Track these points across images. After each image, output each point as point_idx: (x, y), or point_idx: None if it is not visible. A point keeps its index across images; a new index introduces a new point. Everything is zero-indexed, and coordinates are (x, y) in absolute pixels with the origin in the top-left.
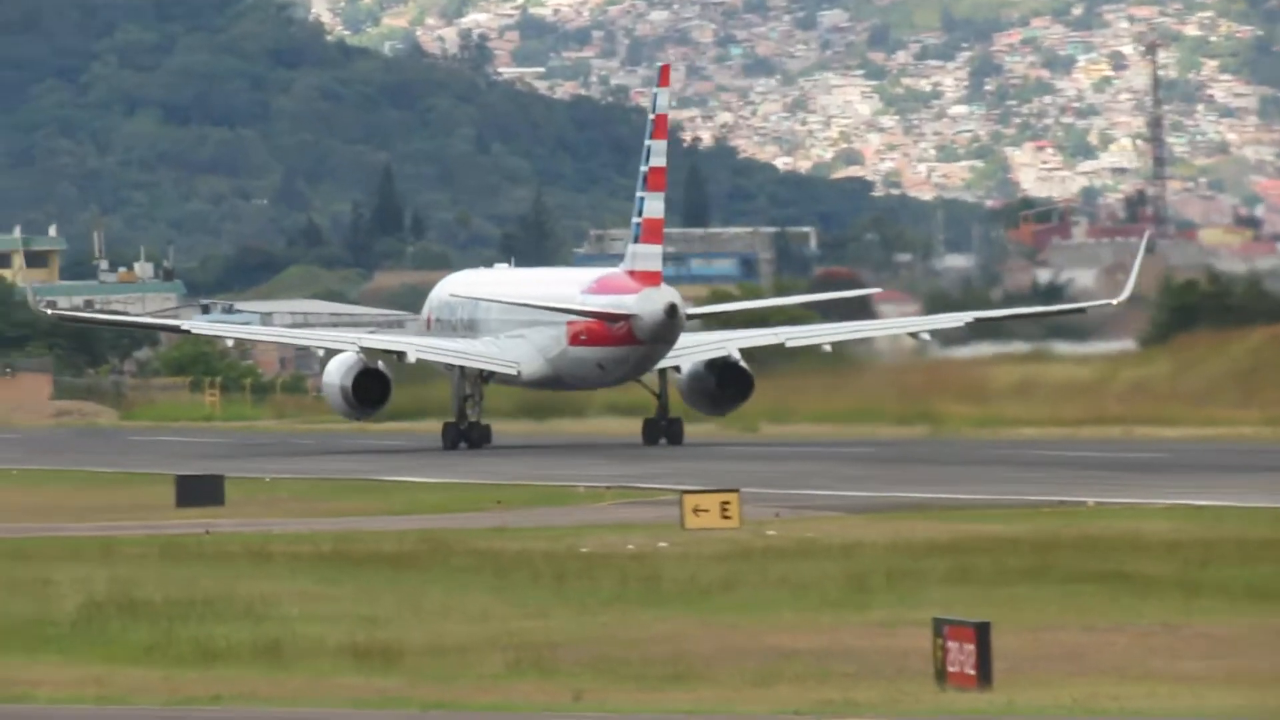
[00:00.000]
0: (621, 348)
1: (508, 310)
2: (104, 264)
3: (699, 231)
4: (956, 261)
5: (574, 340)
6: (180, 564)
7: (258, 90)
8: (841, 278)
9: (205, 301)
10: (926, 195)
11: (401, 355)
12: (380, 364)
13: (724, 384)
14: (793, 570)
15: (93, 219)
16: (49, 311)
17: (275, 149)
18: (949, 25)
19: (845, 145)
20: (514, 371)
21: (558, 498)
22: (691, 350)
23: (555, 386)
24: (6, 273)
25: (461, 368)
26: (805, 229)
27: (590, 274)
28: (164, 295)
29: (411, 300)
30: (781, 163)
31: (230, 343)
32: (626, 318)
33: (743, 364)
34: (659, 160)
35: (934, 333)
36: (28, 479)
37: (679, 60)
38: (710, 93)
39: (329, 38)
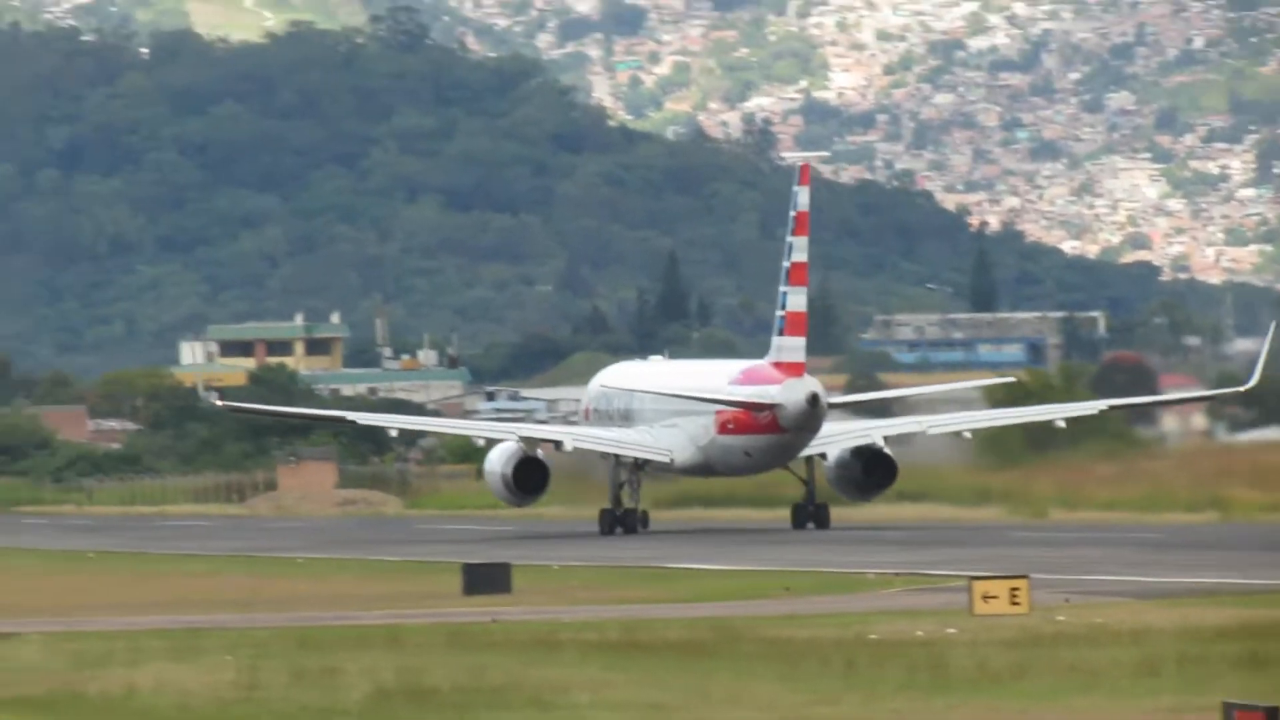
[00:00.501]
0: (767, 436)
1: (660, 400)
2: (387, 351)
3: (987, 317)
4: (1246, 345)
5: (722, 429)
6: (468, 652)
7: (540, 176)
8: (1129, 362)
9: (490, 389)
10: (1215, 279)
11: (559, 444)
12: (540, 453)
13: (869, 471)
14: (1082, 656)
15: (375, 306)
16: (218, 404)
17: (558, 235)
18: (1236, 107)
19: (1132, 229)
20: (667, 459)
21: (846, 585)
22: (838, 438)
23: (706, 474)
24: (289, 360)
25: (617, 456)
26: (1093, 314)
27: (738, 365)
28: (448, 383)
29: None
30: (1069, 246)
31: (394, 433)
32: (771, 407)
33: (887, 450)
34: (800, 256)
35: (1219, 417)
36: (314, 568)
37: (964, 144)
38: (997, 176)
39: (611, 122)
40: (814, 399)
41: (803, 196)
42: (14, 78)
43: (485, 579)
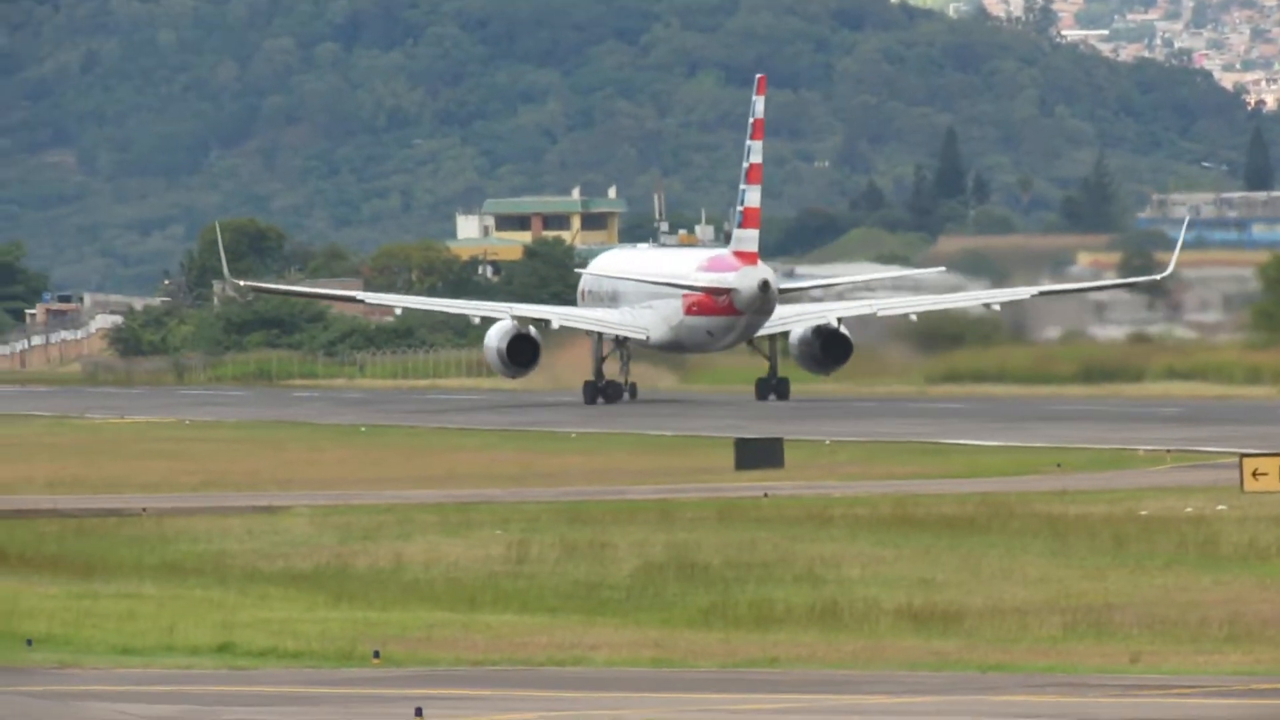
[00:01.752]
0: (725, 317)
1: (640, 285)
2: (664, 226)
3: (1261, 196)
4: None
5: (688, 311)
6: (738, 527)
7: (821, 52)
8: None
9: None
10: None
11: (548, 322)
12: (531, 330)
13: (827, 348)
14: None
15: (653, 181)
16: (241, 283)
17: (837, 111)
18: None
19: None
20: (644, 336)
21: (1117, 461)
22: (799, 318)
23: (677, 350)
24: (565, 234)
25: (599, 334)
26: None
27: (706, 254)
28: None
29: (972, 265)
30: None
31: (399, 311)
32: (728, 291)
33: (843, 330)
34: (757, 158)
35: None
36: (588, 443)
37: (1243, 23)
38: (1275, 55)
39: (893, 0)
40: (765, 285)
41: (759, 105)
42: None
43: (757, 454)
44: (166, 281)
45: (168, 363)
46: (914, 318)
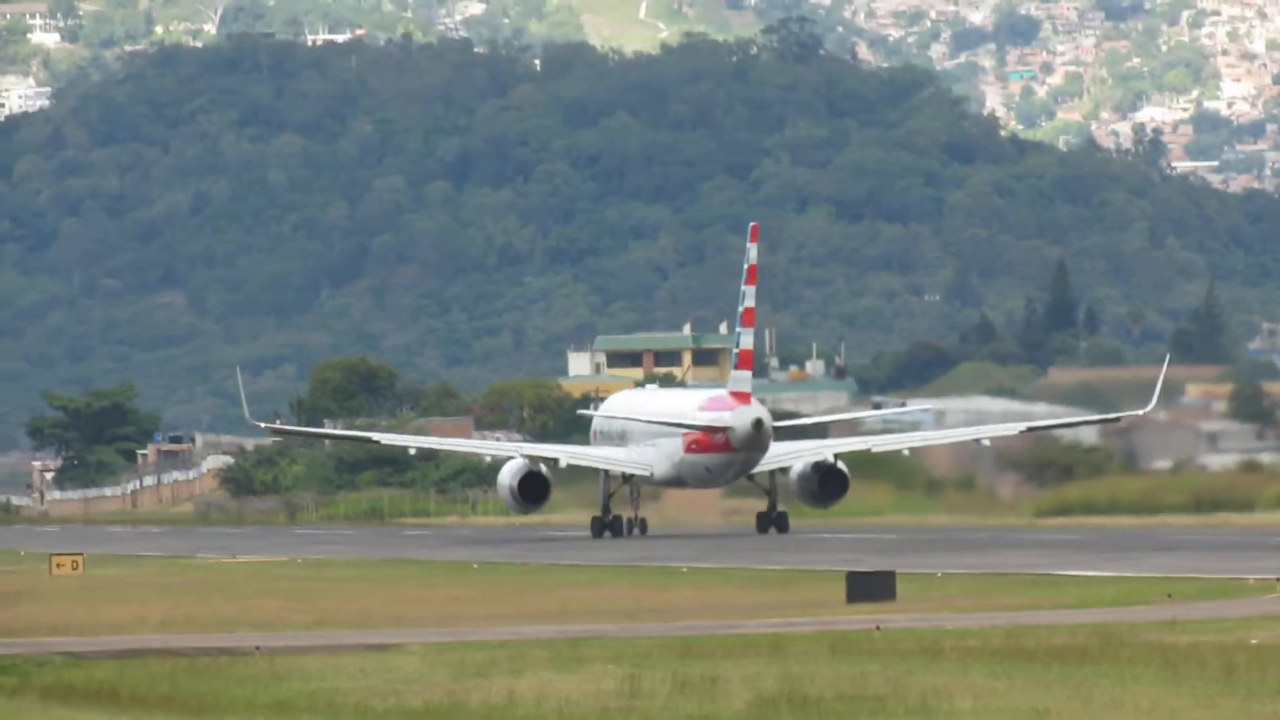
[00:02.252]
0: (722, 455)
1: (646, 424)
2: (774, 362)
3: None
4: None
5: (688, 449)
6: (851, 660)
7: (931, 185)
8: None
9: (877, 399)
10: None
11: (556, 461)
12: (542, 467)
13: (825, 482)
14: None
15: (764, 316)
16: (261, 425)
17: (948, 244)
18: None
19: None
20: (648, 473)
21: (1228, 590)
22: (798, 454)
23: (679, 485)
24: (676, 370)
25: (606, 471)
26: None
27: (705, 395)
28: (835, 393)
29: (1084, 397)
30: None
31: (413, 451)
32: (724, 430)
33: (840, 465)
34: (751, 303)
35: None
36: (699, 577)
37: None
38: None
39: (1003, 132)
40: (758, 423)
41: (752, 252)
42: (405, 89)
43: (869, 587)
44: (278, 422)
45: (279, 502)
46: (907, 453)
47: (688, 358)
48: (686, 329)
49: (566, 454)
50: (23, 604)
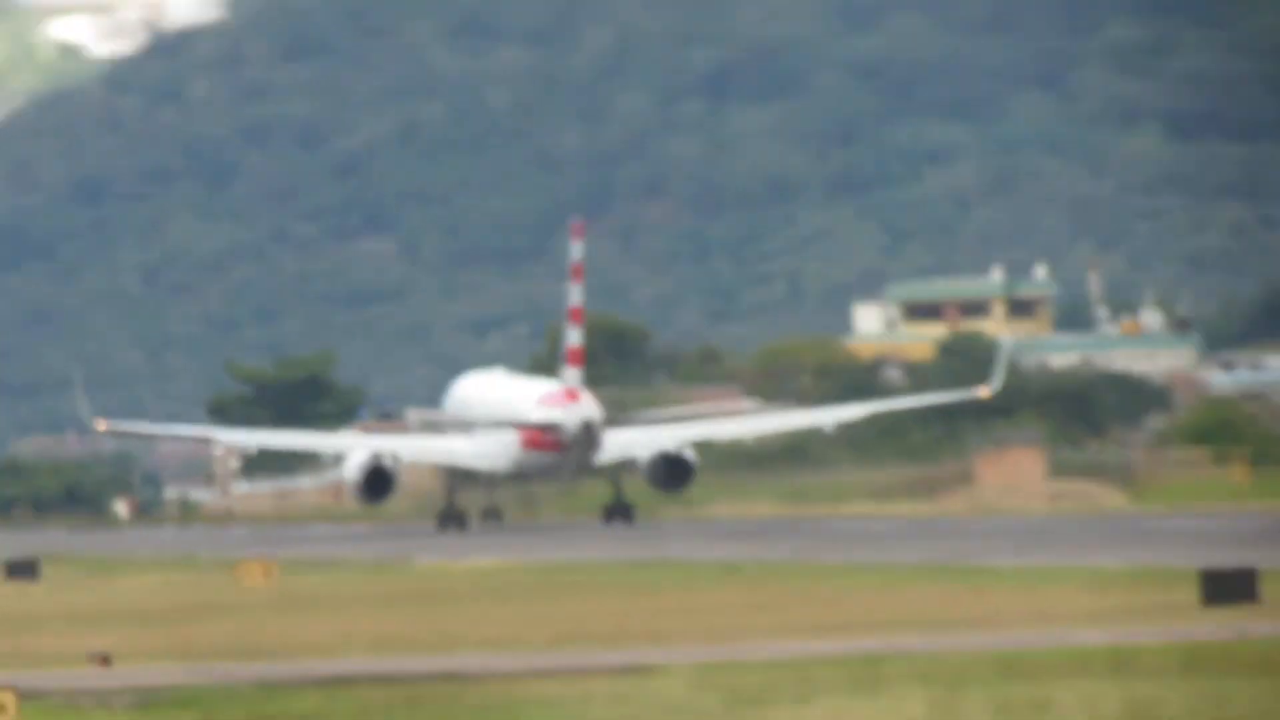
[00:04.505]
0: (555, 453)
1: (487, 414)
2: (1103, 312)
3: None
4: None
5: (525, 444)
6: (1208, 677)
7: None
8: None
9: (1227, 358)
10: None
11: (396, 456)
12: (387, 460)
13: (671, 470)
14: None
15: (1087, 257)
16: (100, 428)
17: None
18: None
19: None
20: (488, 467)
21: None
22: (647, 444)
23: (521, 480)
24: (986, 324)
25: (449, 466)
26: None
27: (544, 389)
28: (1177, 350)
29: None
30: None
31: (254, 451)
32: (555, 428)
33: (684, 454)
34: (577, 300)
35: None
36: (1021, 577)
37: None
38: None
39: None
40: (587, 425)
41: (577, 251)
42: None
43: (1229, 587)
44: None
45: (514, 492)
46: (751, 442)
47: (998, 309)
48: (995, 274)
49: (408, 449)
50: (205, 622)
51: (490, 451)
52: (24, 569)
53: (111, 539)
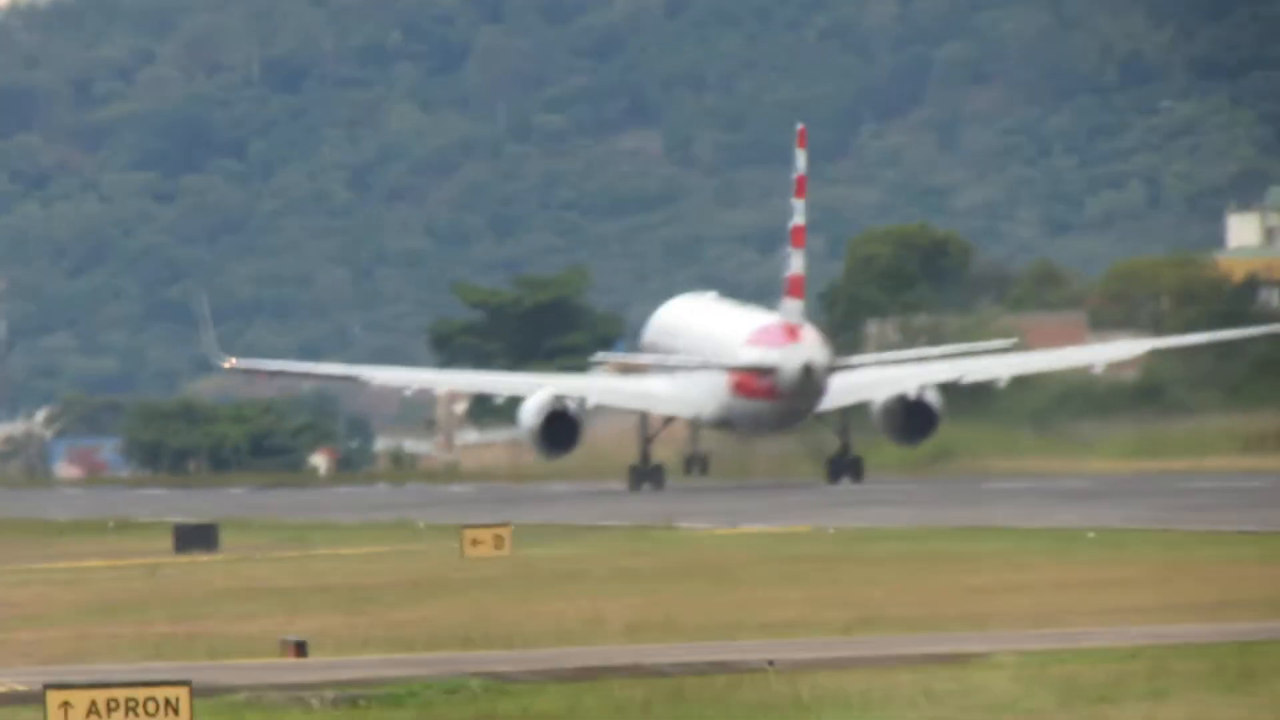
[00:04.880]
0: (769, 402)
1: (696, 343)
2: None
3: None
4: None
5: (733, 390)
6: None
7: None
8: None
9: None
10: None
11: (583, 401)
12: (569, 405)
13: (910, 417)
14: None
15: None
16: (226, 365)
17: None
18: None
19: None
20: (693, 414)
21: None
22: (879, 385)
23: (728, 428)
24: None
25: (644, 412)
26: None
27: (757, 321)
28: None
29: None
30: None
31: (408, 393)
32: (771, 371)
33: (924, 399)
34: (800, 219)
35: None
36: None
37: None
38: None
39: None
40: (808, 369)
41: (800, 159)
42: None
43: None
44: None
45: (802, 442)
46: (1002, 384)
47: None
48: None
49: (597, 392)
50: (423, 601)
51: (693, 396)
52: (199, 536)
53: (308, 499)
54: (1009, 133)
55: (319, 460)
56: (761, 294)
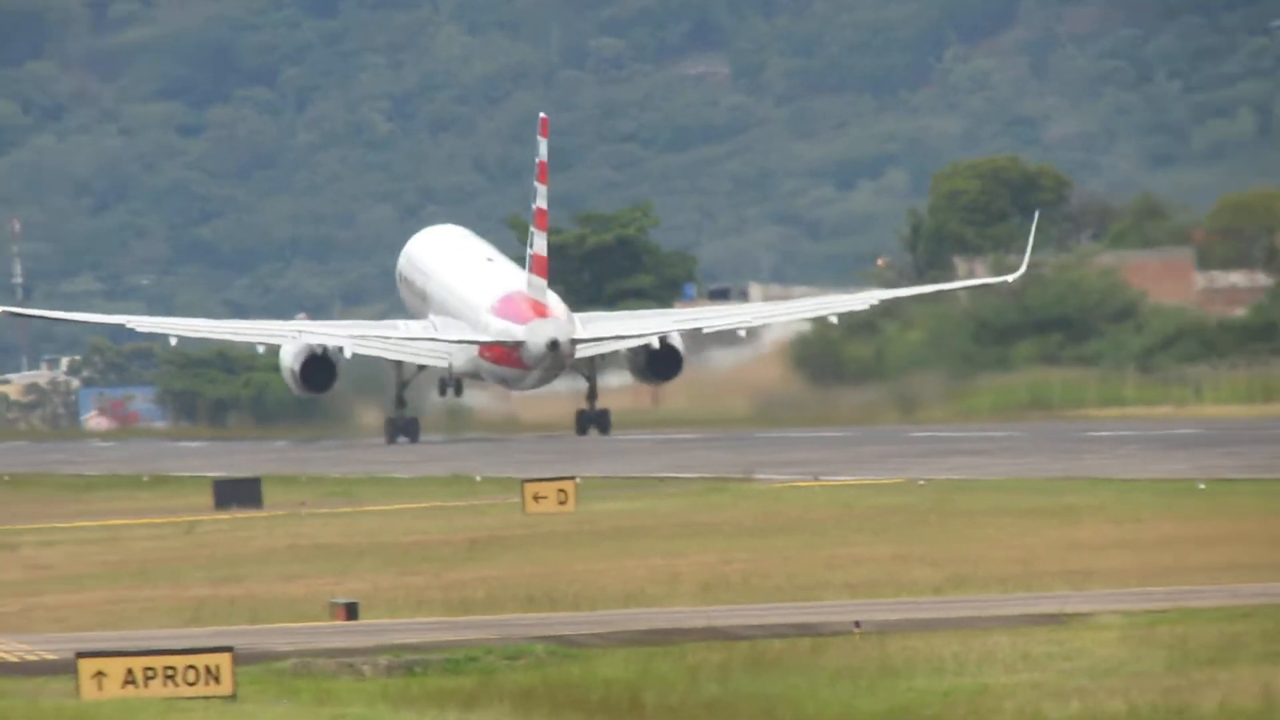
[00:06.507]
0: (516, 369)
1: (443, 293)
2: None
3: None
4: None
5: (481, 353)
6: None
7: None
8: None
9: None
10: None
11: (341, 350)
12: (327, 348)
13: (654, 362)
14: None
15: None
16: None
17: None
18: None
19: None
20: (445, 364)
21: None
22: (625, 338)
23: (479, 382)
24: None
25: (398, 362)
26: None
27: (502, 288)
28: None
29: None
30: None
31: (174, 341)
32: (517, 344)
33: (672, 343)
34: (543, 203)
35: None
36: None
37: None
38: None
39: None
40: (554, 344)
41: (543, 147)
42: None
43: None
44: (881, 262)
45: (887, 390)
46: (743, 334)
47: None
48: None
49: (352, 343)
50: (482, 560)
51: (445, 349)
52: (242, 492)
53: (355, 453)
54: (1106, 56)
55: (366, 412)
56: (839, 231)
